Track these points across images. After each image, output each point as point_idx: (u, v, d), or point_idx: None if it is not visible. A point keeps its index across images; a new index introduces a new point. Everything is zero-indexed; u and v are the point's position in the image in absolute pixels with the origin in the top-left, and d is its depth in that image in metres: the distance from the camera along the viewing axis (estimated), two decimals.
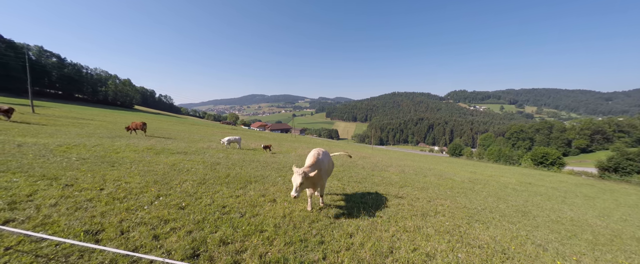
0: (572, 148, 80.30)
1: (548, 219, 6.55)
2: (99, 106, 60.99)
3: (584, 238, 5.40)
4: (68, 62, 74.11)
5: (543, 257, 4.04)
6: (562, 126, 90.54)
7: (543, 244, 4.61)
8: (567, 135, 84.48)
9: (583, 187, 15.57)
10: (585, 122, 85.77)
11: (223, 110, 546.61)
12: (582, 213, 8.04)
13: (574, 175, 25.49)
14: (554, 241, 4.91)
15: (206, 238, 3.24)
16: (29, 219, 3.16)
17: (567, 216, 7.28)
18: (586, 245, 4.94)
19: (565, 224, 6.29)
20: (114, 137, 11.79)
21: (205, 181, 5.80)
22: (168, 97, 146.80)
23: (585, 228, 6.25)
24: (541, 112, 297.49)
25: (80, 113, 28.33)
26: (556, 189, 12.81)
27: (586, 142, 78.85)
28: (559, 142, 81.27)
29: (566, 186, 14.73)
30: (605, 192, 14.34)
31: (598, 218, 7.50)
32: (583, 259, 4.22)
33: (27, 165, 5.36)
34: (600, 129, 79.03)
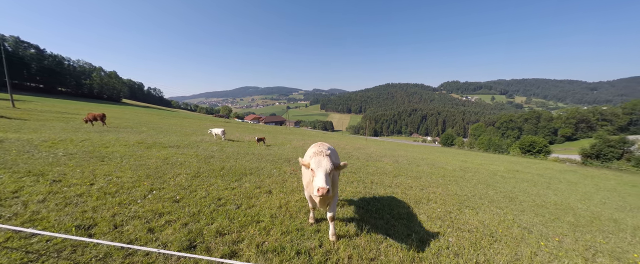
0: (558, 137, 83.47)
1: (533, 204, 6.87)
2: (84, 100, 58.65)
3: (566, 220, 5.70)
4: (48, 53, 70.21)
5: (528, 239, 4.26)
6: (549, 116, 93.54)
7: (528, 227, 4.84)
8: (554, 124, 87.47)
9: (567, 173, 16.31)
10: (571, 111, 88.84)
11: (216, 103, 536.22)
12: (565, 197, 8.45)
13: (558, 162, 26.62)
14: (538, 223, 5.17)
15: (202, 229, 3.24)
16: (16, 216, 3.07)
17: (551, 200, 7.64)
18: (568, 227, 5.22)
19: (549, 208, 6.61)
20: (102, 131, 11.43)
21: (200, 174, 5.74)
22: (157, 90, 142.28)
23: (567, 211, 6.59)
24: (530, 102, 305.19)
25: (64, 107, 27.21)
26: (542, 176, 13.37)
27: (571, 130, 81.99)
28: (545, 131, 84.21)
29: (551, 173, 15.39)
30: (587, 177, 15.08)
31: (579, 202, 7.90)
32: (565, 239, 4.47)
33: (11, 161, 5.15)
34: (584, 118, 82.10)
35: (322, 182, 2.55)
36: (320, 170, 2.70)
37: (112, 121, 18.15)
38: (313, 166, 2.75)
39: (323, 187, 2.51)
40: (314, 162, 2.77)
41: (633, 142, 28.89)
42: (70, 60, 78.31)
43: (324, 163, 2.74)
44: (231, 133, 18.92)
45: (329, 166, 2.71)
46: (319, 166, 2.73)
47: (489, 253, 3.53)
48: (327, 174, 2.66)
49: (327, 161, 2.75)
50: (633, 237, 5.03)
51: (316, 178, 2.65)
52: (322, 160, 2.77)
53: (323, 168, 2.71)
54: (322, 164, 2.74)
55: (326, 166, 2.71)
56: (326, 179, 2.61)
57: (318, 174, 2.66)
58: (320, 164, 2.74)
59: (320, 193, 2.48)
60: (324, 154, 2.86)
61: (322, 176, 2.63)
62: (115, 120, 19.28)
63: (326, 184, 2.54)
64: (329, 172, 2.68)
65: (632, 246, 4.55)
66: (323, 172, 2.67)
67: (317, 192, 2.49)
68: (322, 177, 2.61)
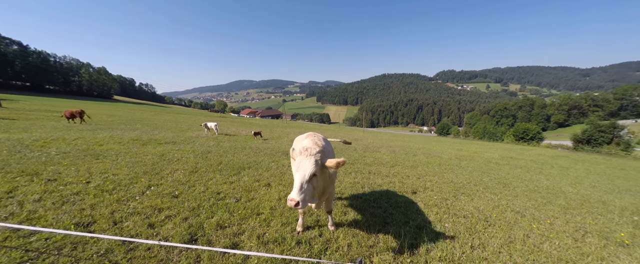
0: (550, 123, 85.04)
1: (526, 189, 7.06)
2: (73, 98, 57.12)
3: (558, 203, 5.90)
4: (32, 50, 67.56)
5: (521, 222, 4.41)
6: (542, 103, 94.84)
7: (521, 211, 5.00)
8: (547, 111, 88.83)
9: (559, 159, 16.72)
10: (563, 98, 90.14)
11: (210, 97, 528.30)
12: (557, 181, 8.70)
13: (551, 148, 27.23)
14: (531, 207, 5.34)
15: (203, 223, 3.26)
16: (12, 216, 3.04)
17: (544, 185, 7.86)
18: (559, 210, 5.41)
19: (542, 193, 6.81)
20: (95, 129, 11.21)
21: (197, 170, 5.72)
22: (149, 86, 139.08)
23: (559, 194, 6.80)
24: (524, 90, 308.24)
25: (53, 105, 26.48)
26: (534, 162, 13.69)
27: (564, 117, 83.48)
28: (539, 118, 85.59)
29: (543, 159, 15.76)
30: (578, 162, 15.50)
31: (570, 186, 8.16)
32: (556, 222, 4.63)
33: (2, 162, 5.04)
34: (577, 104, 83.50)
35: (294, 193, 2.01)
36: (297, 175, 2.13)
37: (104, 118, 17.79)
38: (293, 168, 2.27)
39: (292, 198, 1.97)
40: (295, 164, 2.24)
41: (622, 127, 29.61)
42: (56, 56, 75.68)
43: (304, 166, 2.14)
44: (227, 128, 18.77)
45: (309, 170, 2.11)
46: (298, 169, 2.16)
47: (483, 237, 3.65)
48: (306, 182, 2.08)
49: (309, 164, 2.14)
50: (620, 217, 5.24)
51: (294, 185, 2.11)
52: (302, 162, 2.18)
53: (301, 174, 2.12)
54: (301, 168, 2.15)
55: (305, 171, 2.11)
56: (301, 188, 2.04)
57: (295, 180, 2.12)
58: (299, 167, 2.17)
59: (289, 205, 1.97)
60: (310, 152, 2.23)
61: (297, 184, 2.06)
62: (108, 117, 18.88)
63: (298, 195, 1.98)
64: (308, 178, 2.09)
65: (619, 226, 4.74)
66: (300, 179, 2.09)
67: (288, 203, 1.99)
68: (296, 186, 2.05)
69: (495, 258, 3.13)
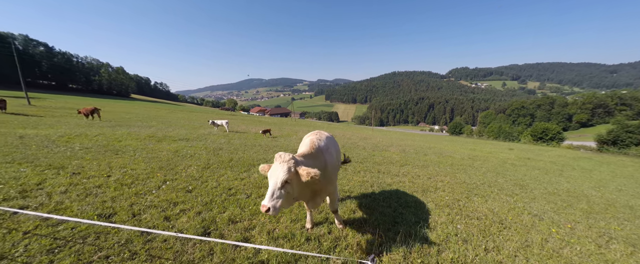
0: (572, 123, 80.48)
1: (545, 192, 6.75)
2: (94, 96, 60.15)
3: (579, 207, 5.60)
4: (57, 50, 71.62)
5: (539, 226, 4.22)
6: (564, 101, 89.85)
7: (539, 214, 4.79)
8: (569, 110, 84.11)
9: (581, 160, 15.83)
10: (587, 96, 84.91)
11: (221, 96, 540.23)
12: (579, 184, 8.25)
13: (572, 149, 25.81)
14: (549, 211, 5.10)
15: (215, 217, 3.36)
16: (42, 206, 3.26)
17: (564, 187, 7.48)
18: (581, 214, 5.13)
19: (562, 196, 6.48)
20: (114, 126, 11.77)
21: (209, 166, 5.88)
22: (164, 84, 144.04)
23: (580, 198, 6.45)
24: (544, 88, 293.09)
25: (76, 103, 28.00)
26: (554, 163, 13.03)
27: (587, 116, 78.74)
28: (559, 118, 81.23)
29: (564, 160, 14.98)
30: (603, 164, 14.60)
31: (594, 189, 7.71)
32: (577, 226, 4.40)
33: (32, 156, 5.40)
34: (602, 102, 78.44)
35: (266, 199, 2.03)
36: (270, 182, 2.12)
37: (122, 115, 18.64)
38: (268, 174, 2.20)
39: (263, 204, 2.00)
40: (271, 169, 2.21)
41: None
42: (78, 57, 79.81)
43: (276, 173, 2.12)
44: (237, 125, 19.16)
45: (280, 178, 2.09)
46: (270, 176, 2.15)
47: (498, 240, 3.53)
48: (278, 188, 2.07)
49: (281, 171, 2.11)
50: None
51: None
52: (275, 169, 2.15)
53: (273, 180, 2.10)
54: (274, 175, 2.13)
55: (277, 178, 2.09)
56: (273, 195, 2.04)
57: (269, 186, 2.11)
58: (272, 173, 2.15)
59: (261, 210, 2.01)
60: (283, 159, 2.19)
61: (269, 190, 2.07)
62: (126, 115, 19.76)
63: (267, 202, 2.01)
64: (280, 185, 2.08)
65: None
66: (272, 185, 2.09)
67: (261, 208, 2.02)
68: (268, 192, 2.07)
69: (510, 262, 3.02)
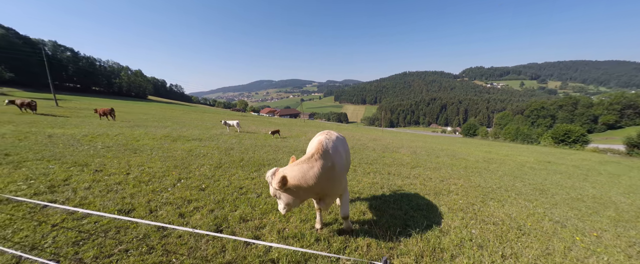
0: (598, 125, 75.47)
1: (568, 197, 6.37)
2: (115, 98, 63.41)
3: (606, 214, 5.24)
4: (82, 55, 76.18)
5: (561, 233, 3.99)
6: (588, 101, 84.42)
7: (561, 221, 4.52)
8: (594, 111, 78.97)
9: (608, 164, 14.81)
10: (615, 96, 79.31)
11: (232, 97, 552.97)
12: (606, 190, 7.72)
13: (598, 153, 24.20)
14: (573, 218, 4.81)
15: (227, 215, 3.44)
16: (68, 201, 3.47)
17: (589, 193, 7.03)
18: (608, 222, 4.80)
19: (587, 202, 6.10)
20: (132, 126, 12.34)
21: (221, 165, 6.03)
22: (179, 86, 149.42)
23: (608, 205, 6.03)
24: (566, 87, 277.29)
25: (99, 105, 29.61)
26: (578, 167, 12.28)
27: (615, 117, 73.58)
28: (583, 119, 76.43)
29: (589, 164, 14.07)
30: (633, 169, 13.58)
31: (623, 195, 7.18)
32: (604, 235, 4.12)
33: (59, 153, 5.77)
34: (632, 103, 73.03)
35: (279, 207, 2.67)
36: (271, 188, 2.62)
37: (140, 116, 19.50)
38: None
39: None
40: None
41: None
42: (100, 60, 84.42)
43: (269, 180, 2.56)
44: (248, 126, 19.51)
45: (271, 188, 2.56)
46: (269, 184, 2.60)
47: (516, 247, 3.37)
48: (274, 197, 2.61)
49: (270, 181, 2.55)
50: None
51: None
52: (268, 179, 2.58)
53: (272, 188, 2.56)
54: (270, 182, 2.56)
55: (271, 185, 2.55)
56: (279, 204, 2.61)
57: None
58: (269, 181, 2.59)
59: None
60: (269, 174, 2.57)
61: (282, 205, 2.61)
62: (143, 115, 20.69)
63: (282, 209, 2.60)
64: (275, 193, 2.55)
65: None
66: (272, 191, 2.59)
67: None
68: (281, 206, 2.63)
69: None
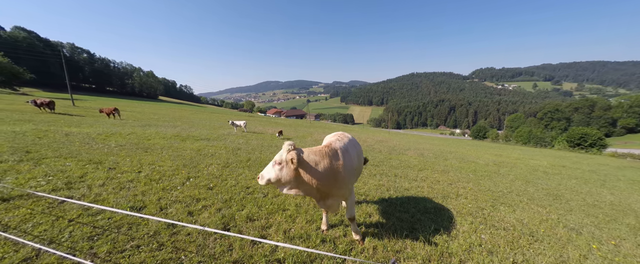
0: (616, 128, 72.17)
1: (583, 203, 6.12)
2: (127, 98, 65.52)
3: (626, 222, 5.00)
4: (97, 57, 79.26)
5: (576, 240, 3.84)
6: (606, 104, 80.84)
7: (576, 228, 4.35)
8: (612, 114, 75.55)
9: (627, 170, 14.12)
10: (635, 98, 75.62)
11: (239, 98, 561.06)
12: (625, 197, 7.37)
13: (617, 157, 23.12)
14: (589, 225, 4.61)
15: (234, 214, 3.49)
16: (83, 197, 3.61)
17: (607, 200, 6.73)
18: (628, 230, 4.58)
19: (604, 209, 5.84)
20: (144, 126, 12.71)
21: (229, 165, 6.13)
22: (188, 87, 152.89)
23: (627, 212, 5.76)
24: (582, 89, 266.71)
25: (112, 105, 30.67)
26: (594, 172, 11.77)
27: (635, 121, 70.16)
28: (601, 122, 73.23)
29: (607, 169, 13.47)
30: None
31: None
32: (623, 243, 3.94)
33: (76, 151, 6.01)
34: None
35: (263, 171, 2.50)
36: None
37: (150, 116, 20.06)
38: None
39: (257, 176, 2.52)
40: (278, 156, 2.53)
41: None
42: (115, 62, 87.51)
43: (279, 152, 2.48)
44: (254, 127, 19.74)
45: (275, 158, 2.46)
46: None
47: (528, 253, 3.27)
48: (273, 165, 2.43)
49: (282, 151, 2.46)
50: None
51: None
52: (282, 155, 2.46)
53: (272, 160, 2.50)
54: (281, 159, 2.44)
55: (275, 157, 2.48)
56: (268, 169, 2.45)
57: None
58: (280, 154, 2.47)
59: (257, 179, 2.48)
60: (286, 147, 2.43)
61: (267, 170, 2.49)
62: (154, 115, 21.28)
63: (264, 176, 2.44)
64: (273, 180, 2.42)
65: None
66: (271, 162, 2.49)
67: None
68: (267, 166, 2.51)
69: None
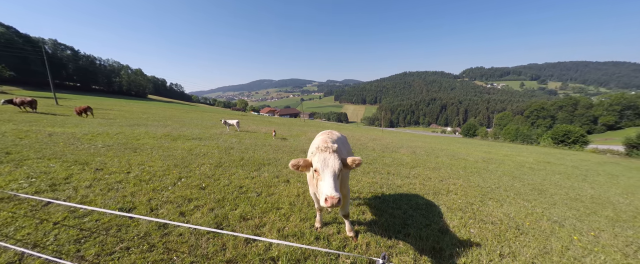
0: (598, 125, 75.53)
1: (566, 197, 6.40)
2: (115, 96, 63.36)
3: (604, 214, 5.27)
4: (82, 54, 76.14)
5: (559, 233, 4.02)
6: (588, 102, 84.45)
7: (559, 221, 4.55)
8: (594, 112, 79.01)
9: (607, 165, 14.85)
10: (615, 97, 79.34)
11: (232, 96, 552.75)
12: (604, 190, 7.75)
13: (597, 153, 24.25)
14: (571, 217, 4.84)
15: (227, 214, 3.46)
16: (69, 199, 3.49)
17: (588, 193, 7.06)
18: (606, 222, 4.83)
19: (585, 202, 6.13)
20: (132, 125, 12.35)
21: (221, 164, 6.05)
22: (179, 85, 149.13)
23: (606, 205, 6.07)
24: (566, 88, 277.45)
25: (99, 104, 29.62)
26: (577, 168, 12.32)
27: (614, 118, 73.64)
28: (583, 120, 76.48)
29: (588, 165, 14.11)
30: (632, 170, 13.62)
31: (621, 196, 7.22)
32: (601, 234, 4.15)
33: (60, 152, 5.79)
34: (632, 103, 73.09)
35: (331, 189, 1.94)
36: (327, 172, 2.06)
37: (139, 115, 19.51)
38: (317, 166, 2.13)
39: (332, 195, 1.90)
40: (319, 160, 2.15)
41: None
42: (101, 59, 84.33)
43: (331, 162, 2.09)
44: (248, 126, 19.54)
45: (337, 166, 2.09)
46: (325, 166, 2.09)
47: (514, 246, 3.40)
48: (337, 177, 2.05)
49: (334, 159, 2.11)
50: None
51: (323, 183, 2.04)
52: (328, 158, 2.11)
53: (330, 169, 2.06)
54: (329, 164, 2.09)
55: (334, 166, 2.08)
56: (335, 183, 1.99)
57: (325, 177, 2.05)
58: (326, 163, 2.10)
59: (329, 204, 1.88)
60: (331, 149, 2.18)
61: (330, 180, 2.00)
62: (143, 114, 20.68)
63: (336, 192, 1.92)
64: (338, 173, 2.08)
65: None
66: (331, 174, 2.04)
67: (326, 203, 1.90)
68: (330, 183, 1.98)
69: None
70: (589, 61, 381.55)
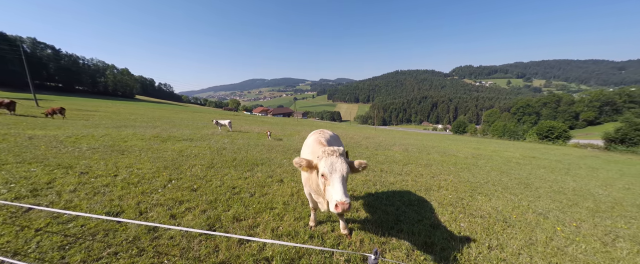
0: (579, 121, 79.10)
1: (550, 190, 6.68)
2: (100, 97, 61.06)
3: (585, 206, 5.53)
4: (64, 53, 72.85)
5: (543, 224, 4.19)
6: (570, 99, 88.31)
7: (544, 213, 4.75)
8: (575, 108, 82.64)
9: (588, 159, 15.58)
10: (594, 94, 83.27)
11: (224, 96, 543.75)
12: (585, 183, 8.13)
13: (579, 148, 25.39)
14: (554, 209, 5.05)
15: (220, 215, 3.41)
16: (52, 204, 3.35)
17: (570, 186, 7.39)
18: (587, 212, 5.07)
19: (567, 194, 6.41)
20: (119, 127, 11.95)
21: (213, 165, 5.96)
22: (168, 85, 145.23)
23: (587, 197, 6.37)
24: (550, 86, 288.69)
25: (83, 105, 28.48)
26: (560, 162, 12.86)
27: (594, 114, 77.27)
28: (566, 116, 79.88)
29: (570, 159, 14.76)
30: (610, 163, 14.35)
31: (600, 188, 7.60)
32: (582, 225, 4.36)
33: (41, 156, 5.53)
34: (610, 100, 76.91)
35: (341, 195, 1.86)
36: (335, 176, 1.97)
37: (127, 116, 18.90)
38: (325, 170, 2.02)
39: (343, 201, 1.83)
40: (326, 165, 2.04)
41: None
42: (84, 59, 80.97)
43: (339, 166, 2.01)
44: (240, 125, 19.29)
45: (345, 169, 2.00)
46: (334, 170, 2.00)
47: (502, 238, 3.52)
48: (345, 181, 1.98)
49: (342, 163, 2.02)
50: None
51: (331, 189, 1.95)
52: (336, 162, 2.03)
53: (339, 174, 1.98)
54: (337, 168, 2.00)
55: (342, 170, 1.99)
56: (344, 188, 1.91)
57: (333, 182, 1.95)
58: (334, 167, 2.00)
59: (340, 210, 1.82)
60: (337, 153, 2.10)
61: (339, 185, 1.92)
62: (130, 116, 20.04)
63: (346, 197, 1.85)
64: (347, 177, 2.01)
65: None
66: (340, 179, 1.95)
67: (336, 209, 1.83)
68: (340, 188, 1.90)
69: (514, 260, 3.01)
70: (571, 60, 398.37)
